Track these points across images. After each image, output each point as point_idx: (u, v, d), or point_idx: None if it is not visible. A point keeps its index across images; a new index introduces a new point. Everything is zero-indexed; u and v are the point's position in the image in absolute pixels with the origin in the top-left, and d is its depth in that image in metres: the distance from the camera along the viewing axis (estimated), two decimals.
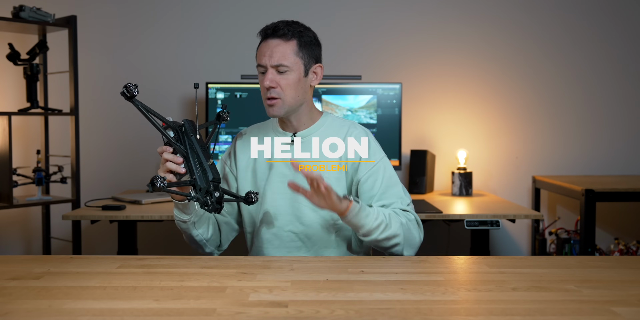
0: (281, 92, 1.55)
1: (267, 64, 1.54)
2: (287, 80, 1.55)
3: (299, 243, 1.62)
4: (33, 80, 2.64)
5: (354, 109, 2.71)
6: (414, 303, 1.07)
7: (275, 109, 1.56)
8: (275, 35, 1.55)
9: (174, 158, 1.39)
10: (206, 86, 2.70)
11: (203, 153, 1.37)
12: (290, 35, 1.55)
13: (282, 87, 1.55)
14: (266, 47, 1.55)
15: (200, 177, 1.35)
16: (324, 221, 1.61)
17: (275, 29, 1.55)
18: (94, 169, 2.97)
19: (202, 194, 1.34)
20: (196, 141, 1.39)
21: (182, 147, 1.39)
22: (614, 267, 1.35)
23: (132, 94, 1.33)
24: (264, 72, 1.56)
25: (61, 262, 1.38)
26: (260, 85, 1.58)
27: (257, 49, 1.59)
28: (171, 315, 1.01)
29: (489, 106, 3.03)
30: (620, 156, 3.06)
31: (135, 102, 1.34)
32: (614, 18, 3.03)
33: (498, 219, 2.23)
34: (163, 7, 2.97)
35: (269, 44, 1.55)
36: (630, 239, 3.03)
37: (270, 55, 1.54)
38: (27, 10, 2.52)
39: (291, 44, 1.55)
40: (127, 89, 1.33)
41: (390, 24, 3.00)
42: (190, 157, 1.37)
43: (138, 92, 1.33)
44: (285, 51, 1.54)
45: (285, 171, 1.62)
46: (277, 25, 1.56)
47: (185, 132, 1.40)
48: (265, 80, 1.54)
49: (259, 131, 1.71)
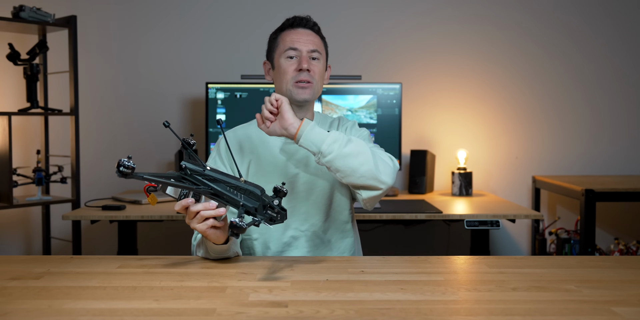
0: (314, 76, 1.57)
1: (303, 48, 1.56)
2: (318, 67, 1.59)
3: (317, 240, 1.61)
4: (33, 80, 2.64)
5: (354, 109, 2.71)
6: (414, 303, 1.07)
7: (308, 91, 1.56)
8: (306, 25, 1.60)
9: (205, 206, 1.26)
10: (206, 86, 2.70)
11: (229, 178, 1.26)
12: (317, 30, 1.62)
13: (314, 72, 1.57)
14: (299, 34, 1.58)
15: (246, 199, 1.25)
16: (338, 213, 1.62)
17: (306, 20, 1.60)
18: (94, 169, 2.97)
19: (261, 213, 1.25)
20: (212, 172, 1.26)
21: (204, 188, 1.25)
22: (614, 267, 1.35)
23: (131, 168, 1.14)
24: (293, 56, 1.57)
25: (61, 262, 1.38)
26: (286, 70, 1.56)
27: (279, 37, 1.60)
28: (171, 315, 1.01)
29: (489, 106, 3.03)
30: (620, 156, 3.06)
31: (137, 175, 1.15)
32: (614, 18, 3.03)
33: (498, 219, 2.23)
34: (163, 7, 2.97)
35: (301, 31, 1.59)
36: (630, 239, 3.03)
37: (306, 41, 1.57)
38: (27, 10, 2.52)
39: (319, 37, 1.62)
40: (123, 166, 1.13)
41: (391, 24, 3.00)
42: (220, 190, 1.25)
43: (134, 164, 1.15)
44: (317, 40, 1.60)
45: (293, 170, 1.60)
46: (305, 17, 1.61)
47: (192, 173, 1.26)
48: (303, 63, 1.55)
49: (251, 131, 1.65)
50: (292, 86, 1.56)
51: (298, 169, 1.60)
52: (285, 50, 1.57)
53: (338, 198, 1.62)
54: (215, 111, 2.70)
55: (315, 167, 1.60)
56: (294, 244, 1.60)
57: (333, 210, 1.62)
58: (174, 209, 2.25)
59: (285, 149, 1.62)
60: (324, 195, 1.61)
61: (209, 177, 1.26)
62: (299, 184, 1.59)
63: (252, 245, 1.62)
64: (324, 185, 1.60)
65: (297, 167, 1.60)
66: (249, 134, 1.65)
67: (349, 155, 1.40)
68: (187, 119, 2.99)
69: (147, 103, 2.99)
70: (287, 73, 1.56)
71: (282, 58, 1.58)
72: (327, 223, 1.62)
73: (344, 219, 1.64)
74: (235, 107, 2.70)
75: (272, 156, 1.61)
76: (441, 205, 2.46)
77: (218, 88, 2.70)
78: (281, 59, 1.58)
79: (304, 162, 1.61)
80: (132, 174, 1.14)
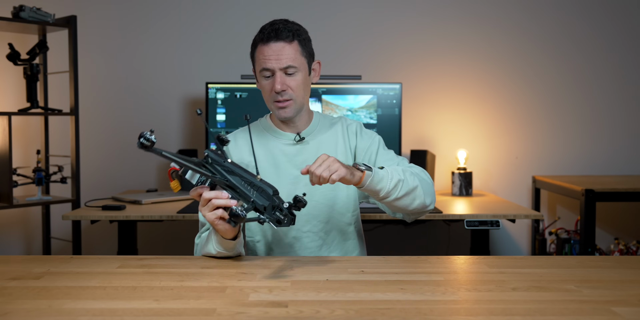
0: (292, 93, 1.54)
1: (275, 67, 1.51)
2: (296, 81, 1.53)
3: (319, 242, 1.61)
4: (33, 80, 2.64)
5: (354, 109, 2.71)
6: (414, 303, 1.07)
7: (288, 110, 1.55)
8: (278, 38, 1.51)
9: (217, 194, 1.28)
10: (206, 86, 2.70)
11: (246, 174, 1.28)
12: (292, 36, 1.52)
13: (292, 88, 1.53)
14: (271, 51, 1.51)
15: (258, 197, 1.25)
16: (340, 214, 1.61)
17: (277, 32, 1.51)
18: (94, 169, 2.97)
19: (269, 213, 1.24)
20: (231, 165, 1.28)
21: (220, 177, 1.27)
22: (614, 267, 1.35)
23: (152, 141, 1.13)
24: (269, 75, 1.53)
25: (61, 262, 1.38)
26: (264, 89, 1.55)
27: (256, 53, 1.55)
28: (171, 315, 1.01)
29: (489, 106, 3.03)
30: (620, 156, 3.06)
31: (156, 150, 1.16)
32: (613, 18, 3.03)
33: (498, 219, 2.23)
34: (163, 7, 2.97)
35: (273, 47, 1.51)
36: (630, 239, 3.03)
37: (278, 59, 1.50)
38: (27, 10, 2.52)
39: (294, 44, 1.53)
40: (144, 137, 1.12)
41: (390, 24, 3.00)
42: (235, 183, 1.28)
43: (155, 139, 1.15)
44: (291, 53, 1.51)
45: (294, 172, 1.60)
46: (277, 27, 1.52)
47: (212, 162, 1.29)
48: (276, 84, 1.51)
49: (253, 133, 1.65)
50: (273, 105, 1.56)
51: (298, 171, 1.60)
52: (260, 71, 1.54)
53: (340, 200, 1.62)
54: (215, 111, 2.70)
55: None
56: (296, 245, 1.60)
57: (335, 212, 1.62)
58: (174, 209, 2.27)
59: (286, 151, 1.61)
60: (325, 197, 1.60)
61: (227, 169, 1.29)
62: (300, 186, 1.59)
63: (254, 247, 1.62)
64: (325, 187, 1.60)
65: (298, 169, 1.60)
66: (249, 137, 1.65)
67: (404, 197, 1.47)
68: (187, 119, 2.99)
69: (147, 103, 2.99)
70: (266, 92, 1.55)
71: (260, 76, 1.56)
72: (329, 225, 1.61)
73: (346, 221, 1.64)
74: (235, 107, 2.70)
75: (273, 158, 1.61)
76: (441, 205, 2.46)
77: (218, 88, 2.70)
78: (259, 77, 1.56)
79: (305, 164, 1.60)
80: (151, 148, 1.14)
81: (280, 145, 1.62)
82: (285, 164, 1.60)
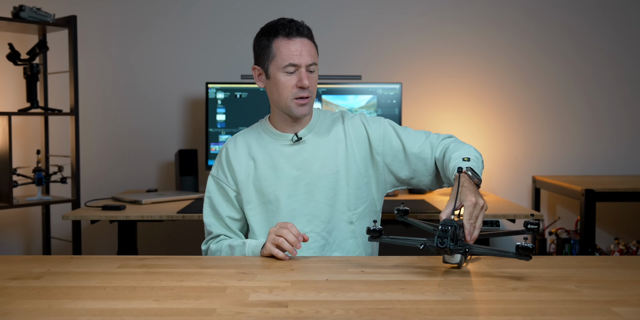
0: (312, 90, 1.56)
1: (303, 63, 1.52)
2: (314, 79, 1.57)
3: (322, 242, 1.61)
4: (33, 80, 2.64)
5: (354, 109, 2.72)
6: (414, 303, 1.07)
7: (308, 107, 1.56)
8: (301, 34, 1.53)
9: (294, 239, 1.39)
10: (206, 86, 2.70)
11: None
12: (310, 35, 1.56)
13: (312, 84, 1.55)
14: (296, 46, 1.51)
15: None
16: (342, 213, 1.61)
17: (299, 28, 1.53)
18: (94, 169, 2.97)
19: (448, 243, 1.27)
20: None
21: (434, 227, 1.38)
22: (614, 267, 1.34)
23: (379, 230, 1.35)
24: (292, 71, 1.53)
25: (61, 262, 1.38)
26: (284, 85, 1.53)
27: (275, 47, 1.52)
28: (171, 315, 1.01)
29: (489, 106, 3.03)
30: (620, 156, 3.06)
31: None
32: (613, 18, 3.03)
33: (498, 219, 2.22)
34: (163, 6, 2.97)
35: (297, 42, 1.52)
36: (630, 239, 3.03)
37: (303, 55, 1.52)
38: (27, 10, 2.52)
39: (313, 44, 1.57)
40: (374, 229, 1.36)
41: (390, 24, 3.00)
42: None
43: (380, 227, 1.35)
44: (312, 50, 1.55)
45: (293, 173, 1.60)
46: (297, 24, 1.53)
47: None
48: (304, 80, 1.51)
49: (250, 137, 1.66)
50: (292, 102, 1.54)
51: (298, 171, 1.60)
52: (285, 66, 1.52)
53: (341, 199, 1.62)
54: (215, 111, 2.70)
55: (316, 169, 1.60)
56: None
57: (336, 211, 1.62)
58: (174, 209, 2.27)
59: (285, 152, 1.61)
60: (325, 196, 1.60)
61: None
62: (300, 186, 1.59)
63: None
64: (325, 187, 1.60)
65: (297, 169, 1.60)
66: (248, 140, 1.66)
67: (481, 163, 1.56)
68: (187, 119, 2.99)
69: (147, 103, 2.99)
70: (287, 89, 1.54)
71: (280, 72, 1.53)
72: (330, 224, 1.61)
73: (348, 220, 1.63)
74: (235, 107, 2.70)
75: (272, 159, 1.61)
76: (441, 205, 2.46)
77: (218, 88, 2.70)
78: (279, 73, 1.53)
79: (304, 164, 1.60)
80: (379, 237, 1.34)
81: (278, 146, 1.62)
82: (284, 165, 1.60)
